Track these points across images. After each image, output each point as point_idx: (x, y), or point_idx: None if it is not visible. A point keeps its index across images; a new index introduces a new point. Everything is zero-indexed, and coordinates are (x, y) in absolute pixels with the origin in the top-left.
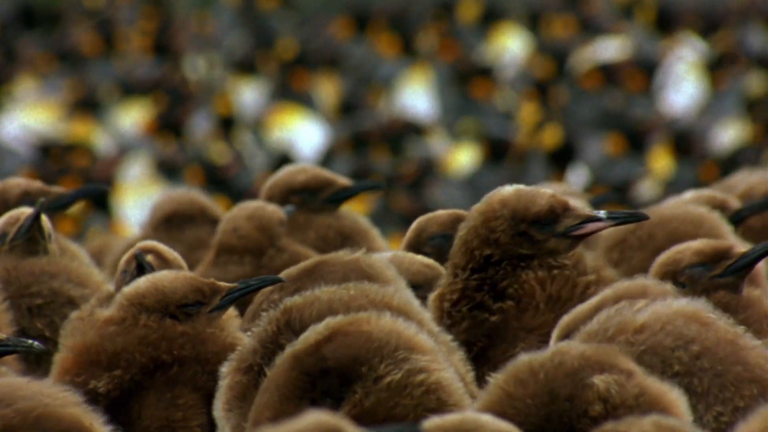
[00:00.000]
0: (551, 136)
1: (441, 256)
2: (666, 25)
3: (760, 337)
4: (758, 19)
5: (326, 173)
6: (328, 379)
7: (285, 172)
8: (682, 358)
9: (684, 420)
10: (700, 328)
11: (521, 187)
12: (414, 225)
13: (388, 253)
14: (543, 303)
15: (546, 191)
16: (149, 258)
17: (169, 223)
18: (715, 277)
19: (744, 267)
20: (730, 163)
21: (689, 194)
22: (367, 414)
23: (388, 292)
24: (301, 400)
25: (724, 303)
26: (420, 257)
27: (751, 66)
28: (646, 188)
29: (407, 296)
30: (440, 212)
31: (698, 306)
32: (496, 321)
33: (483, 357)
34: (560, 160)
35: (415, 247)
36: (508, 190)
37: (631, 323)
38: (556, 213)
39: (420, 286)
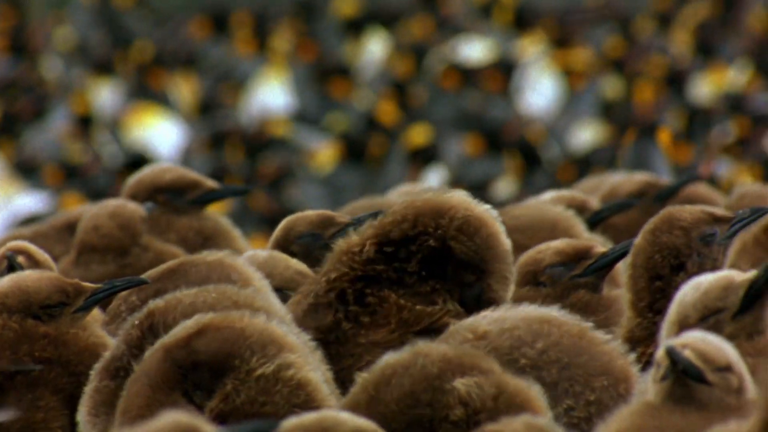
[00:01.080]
0: (415, 136)
1: (308, 255)
2: (524, 25)
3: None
4: (613, 21)
5: (193, 174)
6: (199, 371)
7: (151, 170)
8: (527, 354)
9: (547, 417)
10: (545, 327)
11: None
12: (282, 224)
13: (263, 253)
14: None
15: None
16: (20, 259)
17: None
18: (575, 277)
19: (604, 267)
20: (585, 164)
21: (549, 194)
22: (237, 407)
23: (250, 294)
24: (172, 390)
25: (584, 302)
26: (295, 262)
27: (606, 68)
28: (503, 188)
29: (270, 297)
30: (309, 212)
31: (545, 309)
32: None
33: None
34: (419, 159)
35: (282, 245)
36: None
37: (476, 329)
38: None
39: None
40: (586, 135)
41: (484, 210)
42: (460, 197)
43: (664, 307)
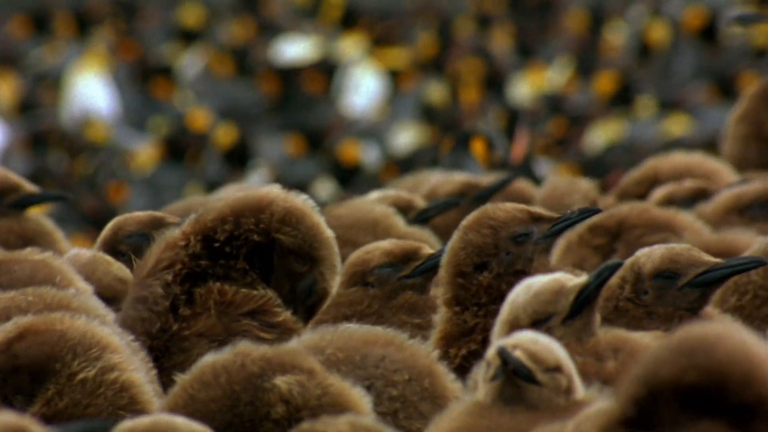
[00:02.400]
0: (225, 136)
1: (137, 255)
2: (348, 25)
3: None
4: (433, 22)
5: (14, 176)
6: (19, 376)
7: None
8: (326, 351)
9: (371, 417)
10: (343, 332)
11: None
12: (111, 223)
13: (87, 253)
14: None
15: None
16: None
17: None
18: (403, 278)
19: (431, 268)
20: (408, 164)
21: (375, 194)
22: (60, 412)
23: (68, 296)
24: None
25: (411, 303)
26: (118, 267)
27: (427, 69)
28: (324, 188)
29: (89, 299)
30: (138, 212)
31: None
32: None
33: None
34: (235, 159)
35: (111, 245)
36: None
37: None
38: None
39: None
40: (408, 136)
41: (302, 200)
42: (277, 191)
43: (470, 303)
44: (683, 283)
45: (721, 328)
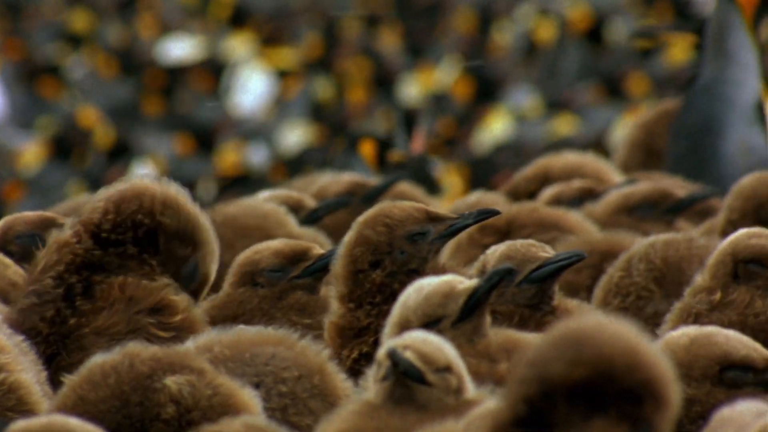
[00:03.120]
0: (107, 135)
1: (27, 256)
2: (237, 23)
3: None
4: (320, 21)
5: None
6: None
7: None
8: (213, 350)
9: (262, 417)
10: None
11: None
12: (0, 223)
13: None
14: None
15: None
16: None
17: None
18: (293, 279)
19: (322, 269)
20: (297, 164)
21: (265, 194)
22: None
23: None
24: None
25: (301, 304)
26: (14, 270)
27: (315, 68)
28: (211, 187)
29: None
30: (28, 213)
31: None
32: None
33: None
34: (119, 158)
35: (0, 245)
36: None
37: None
38: None
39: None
40: (296, 136)
41: (176, 188)
42: (149, 182)
43: (364, 301)
44: (520, 279)
45: (596, 320)
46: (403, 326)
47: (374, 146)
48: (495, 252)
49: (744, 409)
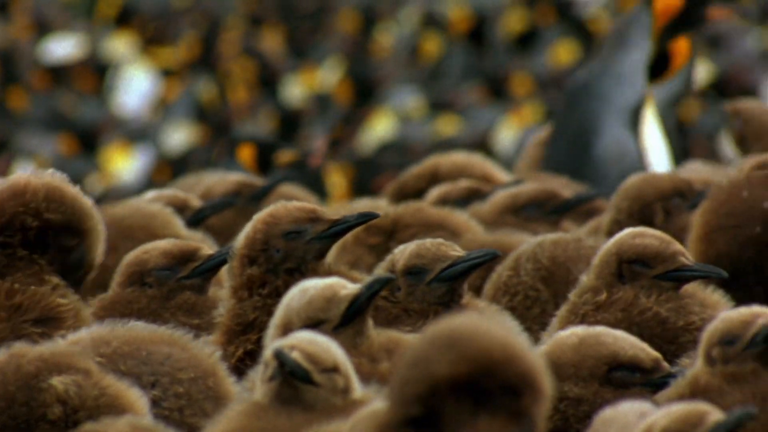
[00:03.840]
0: None
1: None
2: (121, 24)
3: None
4: (203, 22)
5: None
6: None
7: None
8: (104, 352)
9: (149, 418)
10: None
11: None
12: None
13: None
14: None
15: None
16: None
17: None
18: (182, 279)
19: (210, 269)
20: (181, 164)
21: (151, 194)
22: None
23: None
24: None
25: (189, 304)
26: None
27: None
28: (95, 186)
29: None
30: None
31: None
32: None
33: None
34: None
35: None
36: None
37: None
38: None
39: None
40: (180, 136)
41: (57, 177)
42: (26, 174)
43: (254, 294)
44: (430, 278)
45: (470, 317)
46: (286, 328)
47: (254, 151)
48: (404, 250)
49: (627, 409)
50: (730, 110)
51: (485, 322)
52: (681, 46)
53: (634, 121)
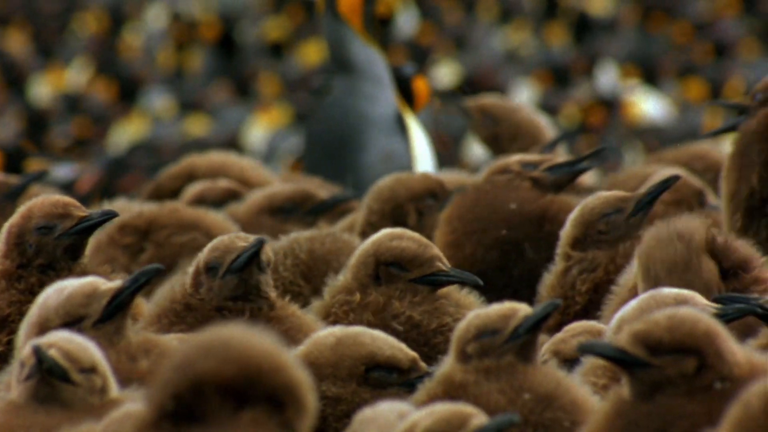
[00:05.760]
0: None
1: None
2: None
3: None
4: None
5: None
6: None
7: None
8: None
9: None
10: None
11: None
12: None
13: None
14: None
15: None
16: None
17: None
18: None
19: None
20: None
21: None
22: None
23: None
24: None
25: None
26: None
27: None
28: None
29: None
30: None
31: None
32: None
33: None
34: None
35: None
36: None
37: None
38: None
39: None
40: None
41: None
42: None
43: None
44: (222, 272)
45: (242, 327)
46: (43, 326)
47: (1, 157)
48: (208, 248)
49: (386, 409)
50: (475, 109)
51: (258, 333)
52: (420, 85)
53: (398, 128)
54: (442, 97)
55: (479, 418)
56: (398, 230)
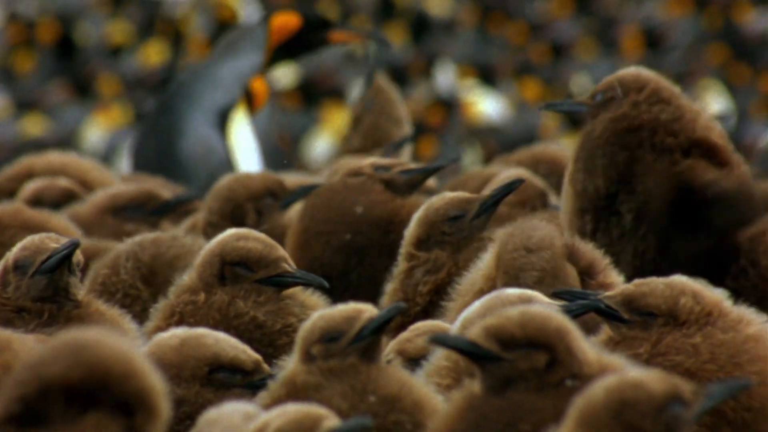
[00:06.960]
0: None
1: None
2: None
3: None
4: None
5: None
6: None
7: None
8: None
9: None
10: None
11: None
12: None
13: None
14: None
15: None
16: None
17: None
18: None
19: None
20: None
21: None
22: None
23: None
24: None
25: None
26: None
27: None
28: None
29: None
30: None
31: None
32: None
33: None
34: None
35: None
36: None
37: None
38: None
39: None
40: None
41: None
42: None
43: None
44: (32, 271)
45: (97, 331)
46: None
47: None
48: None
49: (231, 410)
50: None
51: (112, 337)
52: (258, 86)
53: (221, 122)
54: (285, 98)
55: (331, 420)
56: (244, 230)
